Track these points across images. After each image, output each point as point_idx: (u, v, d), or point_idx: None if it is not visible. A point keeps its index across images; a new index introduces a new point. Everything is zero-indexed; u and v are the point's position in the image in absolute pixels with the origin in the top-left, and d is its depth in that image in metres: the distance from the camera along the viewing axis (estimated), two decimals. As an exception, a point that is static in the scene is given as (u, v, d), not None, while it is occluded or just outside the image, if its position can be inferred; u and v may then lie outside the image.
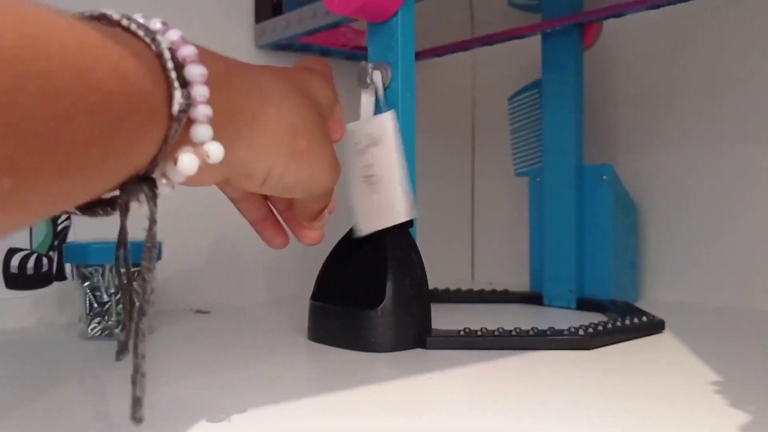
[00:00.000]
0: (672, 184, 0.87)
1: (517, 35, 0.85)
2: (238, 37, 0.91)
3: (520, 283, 0.95)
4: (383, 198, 0.64)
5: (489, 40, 0.88)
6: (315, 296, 0.66)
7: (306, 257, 0.97)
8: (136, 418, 0.32)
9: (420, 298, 0.62)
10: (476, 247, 1.14)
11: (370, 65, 0.66)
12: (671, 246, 0.87)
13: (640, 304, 0.80)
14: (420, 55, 0.95)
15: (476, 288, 0.91)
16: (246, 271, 0.92)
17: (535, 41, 0.89)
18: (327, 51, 0.94)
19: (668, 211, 0.87)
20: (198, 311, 0.84)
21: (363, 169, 0.66)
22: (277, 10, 0.89)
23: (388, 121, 0.63)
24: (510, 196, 1.06)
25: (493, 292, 0.89)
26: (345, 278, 0.67)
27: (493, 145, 1.11)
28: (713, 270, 0.84)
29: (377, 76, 0.66)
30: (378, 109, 0.67)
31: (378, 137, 0.64)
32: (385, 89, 0.66)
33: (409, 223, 0.65)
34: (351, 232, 0.68)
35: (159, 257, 0.71)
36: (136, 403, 0.32)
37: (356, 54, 0.96)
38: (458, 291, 0.89)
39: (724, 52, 0.82)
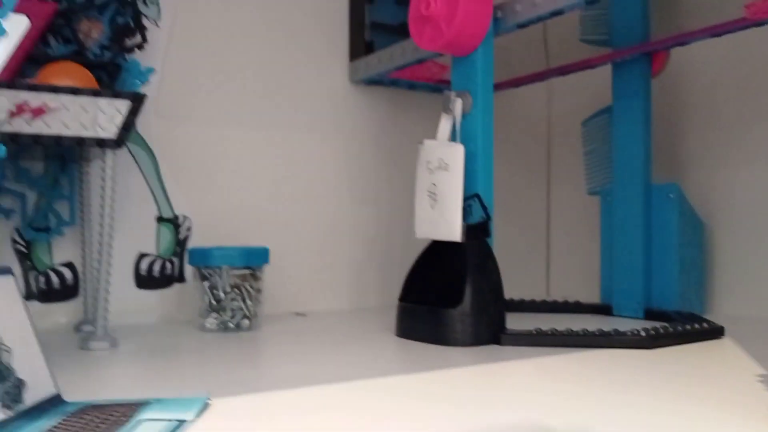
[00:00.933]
0: (740, 202, 0.91)
1: (589, 66, 0.92)
2: (334, 74, 1.02)
3: (594, 296, 1.01)
4: (441, 215, 0.73)
5: (564, 71, 0.95)
6: (402, 298, 0.75)
7: (387, 270, 1.06)
8: None
9: (495, 300, 0.70)
10: (551, 262, 1.20)
11: (453, 93, 0.75)
12: (739, 261, 0.91)
13: (707, 317, 0.84)
14: (500, 87, 1.04)
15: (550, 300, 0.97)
16: (334, 280, 1.02)
17: (606, 70, 0.96)
18: (414, 84, 1.03)
19: (737, 228, 0.91)
20: (297, 314, 0.94)
21: (429, 185, 0.75)
22: (369, 49, 1.00)
23: (459, 153, 0.72)
24: (584, 215, 1.12)
25: (566, 302, 0.95)
26: (429, 282, 0.75)
27: (567, 166, 1.18)
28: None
29: (458, 105, 0.75)
30: (453, 135, 0.76)
31: (447, 164, 0.73)
32: (465, 116, 0.75)
33: (487, 234, 0.73)
34: (433, 243, 0.77)
35: (266, 260, 0.81)
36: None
37: (440, 87, 1.05)
38: (533, 301, 0.96)
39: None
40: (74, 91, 0.66)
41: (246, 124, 0.96)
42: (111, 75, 0.81)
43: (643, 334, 0.66)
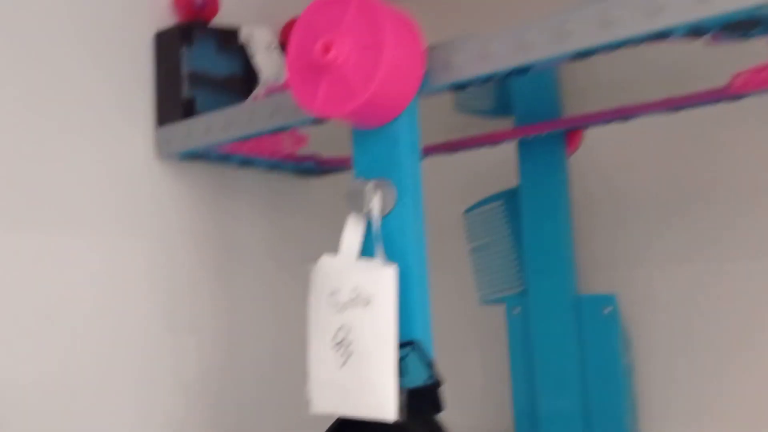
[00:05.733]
0: (668, 309, 0.76)
1: (492, 141, 0.71)
2: (132, 145, 0.69)
3: (495, 424, 0.79)
4: (360, 379, 0.46)
5: (454, 147, 0.74)
6: None
7: (218, 427, 0.74)
8: None
9: None
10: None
11: (369, 184, 0.48)
12: (673, 382, 0.75)
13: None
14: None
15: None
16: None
17: (488, 149, 0.77)
18: (248, 161, 0.74)
19: (666, 342, 0.76)
20: None
21: (336, 331, 0.47)
22: (188, 109, 0.69)
23: (389, 279, 0.46)
24: (470, 328, 0.89)
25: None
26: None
27: (442, 266, 0.95)
28: (721, 406, 0.73)
29: (376, 201, 0.48)
30: (368, 246, 0.49)
31: (370, 296, 0.46)
32: (385, 217, 0.49)
33: (437, 407, 0.47)
34: (342, 423, 0.48)
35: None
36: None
37: (281, 165, 0.77)
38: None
39: (723, 162, 0.73)
40: None
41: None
42: None
43: None
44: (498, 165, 0.83)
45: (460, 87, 0.50)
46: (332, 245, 0.52)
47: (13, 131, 0.61)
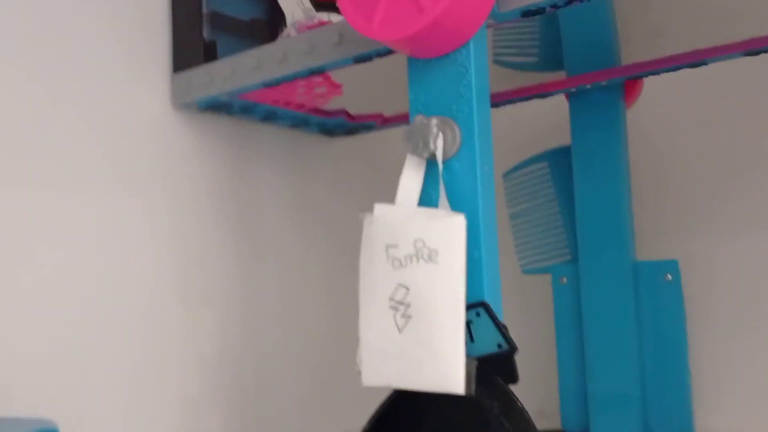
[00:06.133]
0: (729, 281, 0.70)
1: (541, 94, 0.65)
2: (147, 93, 0.62)
3: (538, 405, 0.73)
4: (423, 346, 0.40)
5: (500, 99, 0.67)
6: None
7: (237, 411, 0.67)
8: None
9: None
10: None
11: (434, 122, 0.42)
12: (732, 360, 0.69)
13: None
14: (390, 120, 0.73)
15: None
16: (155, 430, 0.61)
17: (530, 108, 0.71)
18: (273, 113, 0.67)
19: (725, 317, 0.70)
20: None
21: (393, 291, 0.41)
22: (209, 54, 0.62)
23: (458, 230, 0.40)
24: (511, 299, 0.83)
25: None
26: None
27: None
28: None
29: (440, 141, 0.42)
30: (428, 194, 0.43)
31: (435, 250, 0.40)
32: (447, 161, 0.42)
33: (512, 377, 0.40)
34: (401, 396, 0.42)
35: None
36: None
37: (307, 120, 0.70)
38: None
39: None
40: None
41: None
42: None
43: None
44: (540, 122, 0.77)
45: (533, 13, 0.44)
46: (358, 209, 0.46)
47: (8, 78, 0.54)
